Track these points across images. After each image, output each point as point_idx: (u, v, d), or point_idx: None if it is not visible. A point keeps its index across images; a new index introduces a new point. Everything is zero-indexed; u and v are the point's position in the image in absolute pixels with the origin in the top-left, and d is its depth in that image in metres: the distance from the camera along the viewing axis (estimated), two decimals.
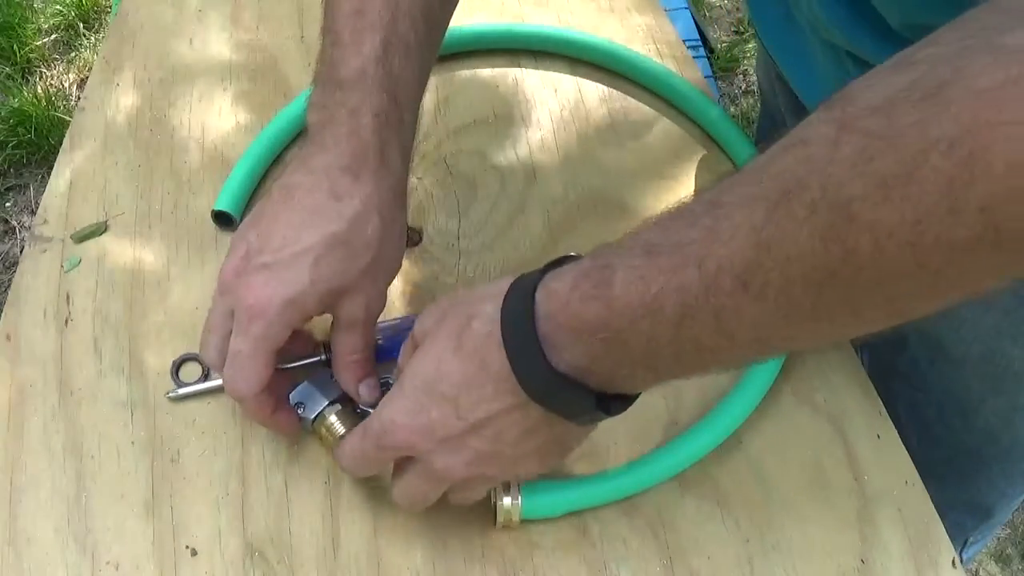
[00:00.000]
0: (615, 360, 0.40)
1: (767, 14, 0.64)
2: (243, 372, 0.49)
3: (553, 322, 0.40)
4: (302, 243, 0.49)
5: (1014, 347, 0.62)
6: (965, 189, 0.30)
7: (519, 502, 0.51)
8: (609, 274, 0.38)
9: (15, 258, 1.61)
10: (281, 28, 0.79)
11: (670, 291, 0.36)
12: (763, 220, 0.34)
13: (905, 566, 0.52)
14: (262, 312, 0.48)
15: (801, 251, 0.33)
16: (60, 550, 0.52)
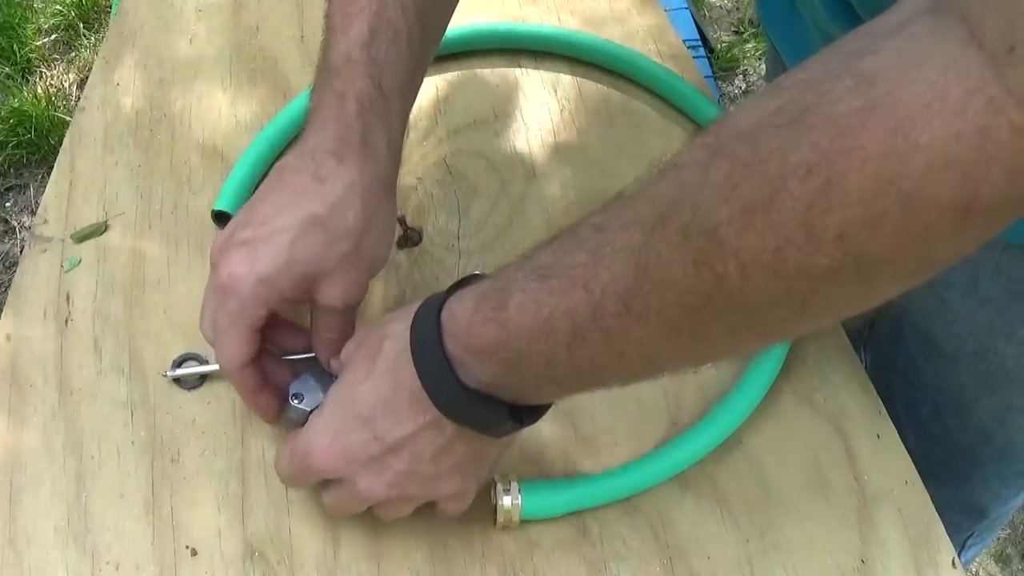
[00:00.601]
0: (519, 377, 0.41)
1: (774, 11, 0.64)
2: (223, 346, 0.50)
3: (457, 343, 0.41)
4: (282, 222, 0.49)
5: (1007, 345, 0.62)
6: (822, 215, 0.29)
7: (519, 502, 0.51)
8: (505, 297, 0.40)
9: (15, 258, 1.61)
10: (281, 28, 0.79)
11: (560, 313, 0.37)
12: (641, 244, 0.34)
13: (905, 566, 0.52)
14: (235, 288, 0.48)
15: (675, 276, 0.34)
16: (60, 550, 0.52)
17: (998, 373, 0.64)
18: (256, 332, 0.50)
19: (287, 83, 0.74)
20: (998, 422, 0.68)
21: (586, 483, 0.53)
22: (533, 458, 0.56)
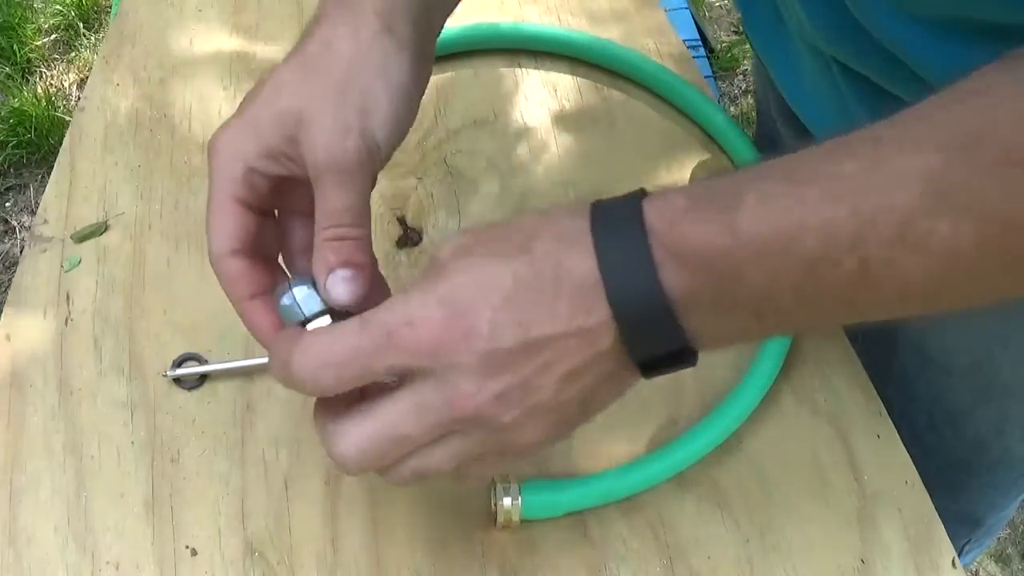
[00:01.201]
0: (721, 298, 0.34)
1: (758, 20, 0.64)
2: (208, 228, 0.42)
3: (659, 240, 0.34)
4: (275, 76, 0.44)
5: (1003, 357, 0.62)
6: None
7: (519, 502, 0.51)
8: (735, 197, 0.33)
9: (15, 258, 1.61)
10: (281, 28, 0.79)
11: (812, 228, 0.32)
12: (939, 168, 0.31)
13: (905, 566, 0.52)
14: (215, 147, 0.42)
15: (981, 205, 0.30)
16: (60, 550, 0.52)
17: (994, 384, 0.64)
18: (240, 206, 0.42)
19: None
20: (995, 432, 0.68)
21: (586, 483, 0.53)
22: (533, 458, 0.56)
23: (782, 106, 0.68)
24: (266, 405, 0.57)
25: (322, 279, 0.41)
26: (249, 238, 0.43)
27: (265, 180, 0.43)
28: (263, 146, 0.42)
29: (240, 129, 0.42)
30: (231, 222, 0.42)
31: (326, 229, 0.41)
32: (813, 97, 0.59)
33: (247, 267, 0.43)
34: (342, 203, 0.41)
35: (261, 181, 0.43)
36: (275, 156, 0.42)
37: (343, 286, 0.40)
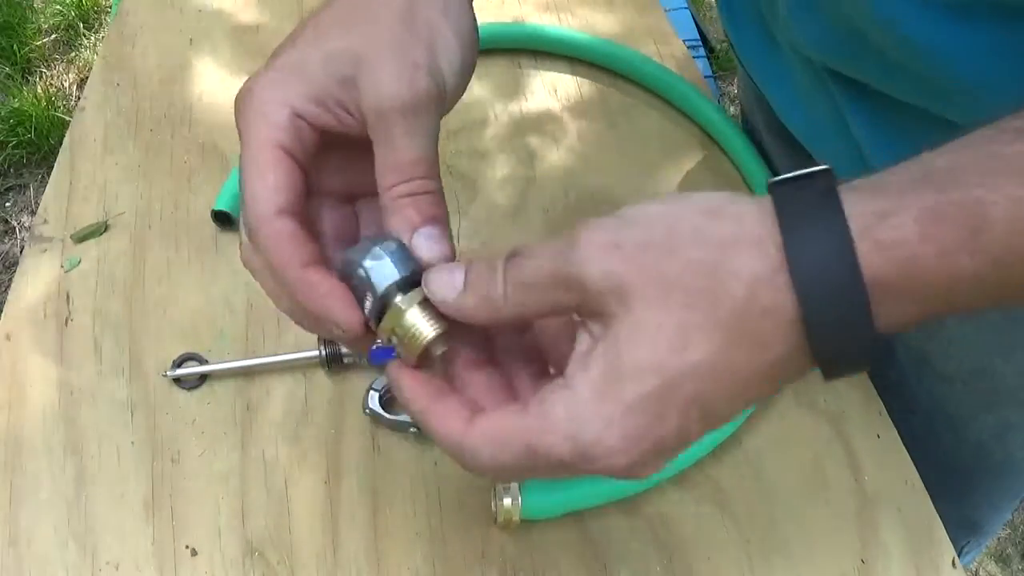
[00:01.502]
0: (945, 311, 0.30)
1: (747, 35, 0.63)
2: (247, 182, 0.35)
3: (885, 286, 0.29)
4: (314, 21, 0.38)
5: (1006, 365, 0.61)
6: None
7: (519, 502, 0.51)
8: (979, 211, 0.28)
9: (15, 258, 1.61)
10: (281, 28, 0.79)
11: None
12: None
13: (905, 566, 0.52)
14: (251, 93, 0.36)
15: None
16: (60, 550, 0.52)
17: (996, 392, 0.63)
18: (288, 157, 0.36)
19: None
20: (997, 439, 0.68)
21: (586, 483, 0.53)
22: None
23: (771, 121, 0.67)
24: (266, 405, 0.57)
25: (407, 238, 0.36)
26: (299, 196, 0.36)
27: (312, 134, 0.37)
28: (312, 89, 0.36)
29: (281, 73, 0.36)
30: (278, 175, 0.35)
31: (399, 184, 0.36)
32: (806, 110, 0.59)
33: (299, 229, 0.35)
34: (415, 152, 0.36)
35: (308, 134, 0.36)
36: (325, 102, 0.36)
37: (431, 245, 0.36)
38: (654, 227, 0.31)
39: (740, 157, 0.69)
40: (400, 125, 0.35)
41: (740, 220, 0.30)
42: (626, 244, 0.30)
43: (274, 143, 0.35)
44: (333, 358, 0.57)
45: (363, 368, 0.58)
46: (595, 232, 0.31)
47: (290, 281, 0.35)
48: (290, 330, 0.60)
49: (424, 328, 0.34)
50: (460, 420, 0.33)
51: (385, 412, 0.55)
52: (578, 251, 0.31)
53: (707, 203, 0.31)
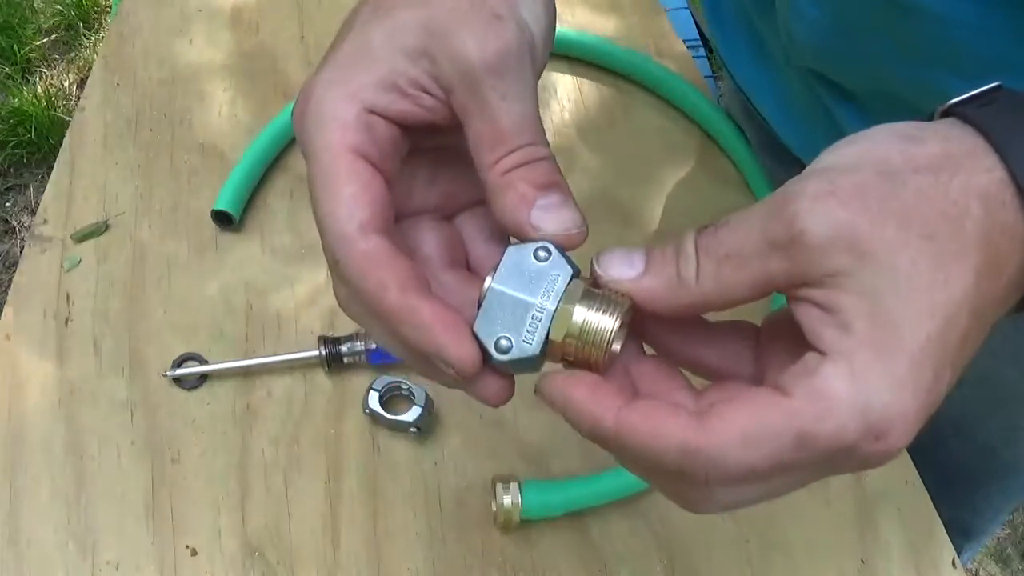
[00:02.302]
0: None
1: (738, 48, 0.63)
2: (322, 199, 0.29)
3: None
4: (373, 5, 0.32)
5: (1013, 369, 0.61)
6: None
7: (519, 502, 0.51)
8: None
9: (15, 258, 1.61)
10: (281, 28, 0.79)
11: None
12: None
13: (905, 566, 0.52)
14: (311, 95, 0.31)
15: None
16: (60, 550, 0.52)
17: (1003, 395, 0.63)
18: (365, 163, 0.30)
19: (287, 83, 0.74)
20: (1004, 441, 0.67)
21: (586, 483, 0.53)
22: (533, 458, 0.56)
23: (761, 134, 0.67)
24: (266, 405, 0.57)
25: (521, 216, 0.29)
26: (384, 209, 0.30)
27: (389, 130, 0.31)
28: (380, 74, 0.30)
29: (342, 66, 0.31)
30: (355, 186, 0.29)
31: (504, 158, 0.30)
32: (799, 121, 0.58)
33: (390, 247, 0.29)
34: (515, 116, 0.30)
35: (384, 131, 0.31)
36: (399, 85, 0.30)
37: (557, 215, 0.30)
38: (861, 167, 0.27)
39: (740, 157, 0.69)
40: (492, 87, 0.29)
41: (947, 139, 0.27)
42: (840, 189, 0.26)
43: (346, 149, 0.30)
44: (333, 358, 0.57)
45: (363, 368, 0.58)
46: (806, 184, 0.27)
47: (387, 310, 0.28)
48: (290, 330, 0.60)
49: (604, 320, 0.28)
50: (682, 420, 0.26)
51: (385, 412, 0.55)
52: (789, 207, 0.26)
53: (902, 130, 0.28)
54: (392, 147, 0.31)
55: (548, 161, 0.31)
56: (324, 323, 0.61)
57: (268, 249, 0.65)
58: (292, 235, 0.65)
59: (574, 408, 0.28)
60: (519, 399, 0.60)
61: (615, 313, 0.28)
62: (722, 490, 0.27)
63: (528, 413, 0.57)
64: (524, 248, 0.29)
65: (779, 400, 0.26)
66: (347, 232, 0.29)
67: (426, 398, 0.56)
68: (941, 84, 0.45)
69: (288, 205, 0.67)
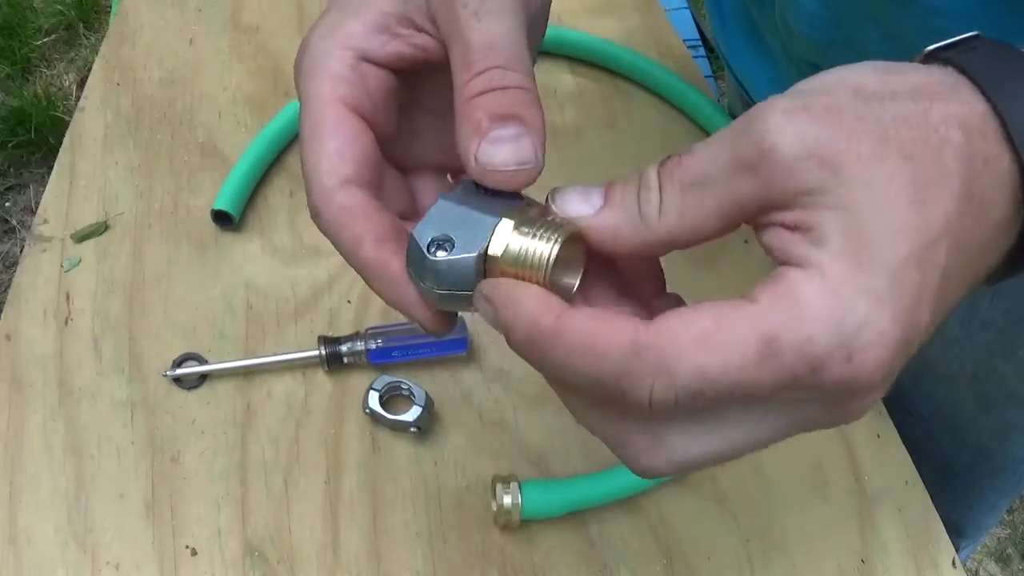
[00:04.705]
0: None
1: (738, 42, 0.63)
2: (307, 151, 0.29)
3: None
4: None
5: (1007, 364, 0.61)
6: None
7: (519, 502, 0.51)
8: None
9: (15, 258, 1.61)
10: (281, 28, 0.79)
11: None
12: None
13: (905, 566, 0.52)
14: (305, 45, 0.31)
15: None
16: (60, 550, 0.52)
17: (997, 392, 0.63)
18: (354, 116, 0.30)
19: (287, 83, 0.74)
20: (998, 439, 0.67)
21: (586, 483, 0.53)
22: (533, 458, 0.56)
23: None
24: (266, 405, 0.57)
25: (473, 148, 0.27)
26: (370, 162, 0.30)
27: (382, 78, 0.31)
28: (372, 17, 0.30)
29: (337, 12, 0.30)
30: (340, 139, 0.29)
31: (470, 81, 0.28)
32: None
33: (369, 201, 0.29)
34: (487, 35, 0.28)
35: (378, 79, 0.30)
36: (389, 26, 0.30)
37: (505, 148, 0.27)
38: (838, 89, 0.25)
39: None
40: (464, 4, 0.28)
41: (928, 71, 0.26)
42: (815, 106, 0.24)
43: (335, 100, 0.29)
44: (333, 358, 0.57)
45: (363, 368, 0.58)
46: (771, 102, 0.25)
47: (359, 263, 0.29)
48: (290, 330, 0.60)
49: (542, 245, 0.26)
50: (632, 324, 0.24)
51: (385, 412, 0.55)
52: (758, 124, 0.24)
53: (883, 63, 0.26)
54: (386, 97, 0.31)
55: (517, 89, 0.28)
56: (324, 323, 0.61)
57: (268, 249, 0.65)
58: (292, 235, 0.65)
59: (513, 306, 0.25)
60: (519, 399, 0.60)
61: (556, 236, 0.26)
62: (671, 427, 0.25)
63: (528, 413, 0.57)
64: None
65: (744, 304, 0.23)
66: (327, 185, 0.29)
67: (426, 398, 0.56)
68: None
69: (288, 205, 0.67)
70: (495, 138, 0.27)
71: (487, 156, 0.27)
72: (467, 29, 0.28)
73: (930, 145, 0.24)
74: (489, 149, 0.27)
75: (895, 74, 0.26)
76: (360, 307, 0.62)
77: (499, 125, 0.27)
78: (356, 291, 0.62)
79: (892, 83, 0.25)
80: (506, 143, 0.27)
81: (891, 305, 0.23)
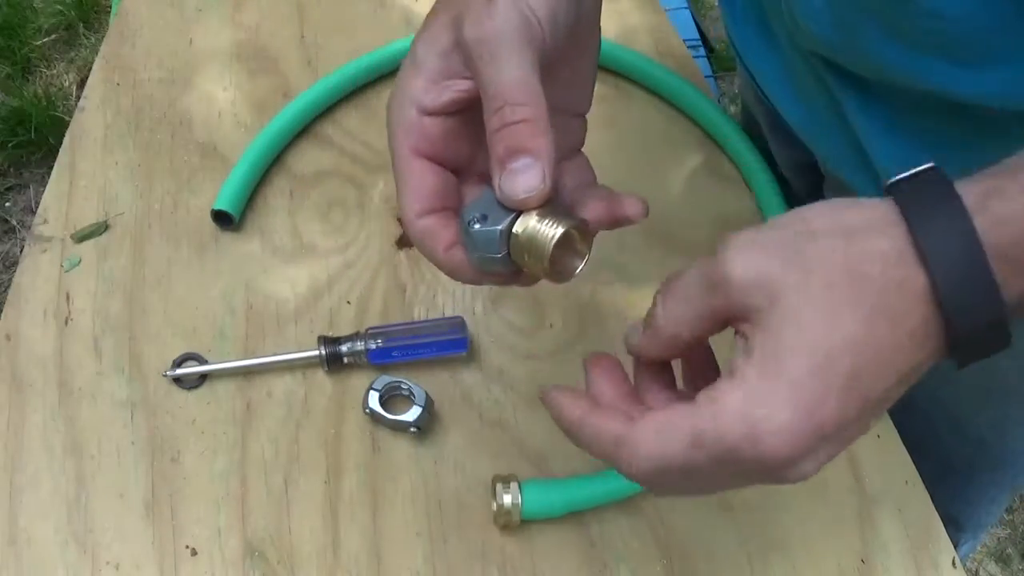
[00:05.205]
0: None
1: (747, 31, 0.63)
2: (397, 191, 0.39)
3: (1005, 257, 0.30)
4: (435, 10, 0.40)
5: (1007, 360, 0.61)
6: None
7: (519, 502, 0.51)
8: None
9: (15, 258, 1.61)
10: (281, 28, 0.79)
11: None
12: None
13: (905, 566, 0.52)
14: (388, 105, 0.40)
15: None
16: (60, 550, 0.52)
17: (996, 386, 0.64)
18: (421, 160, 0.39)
19: (287, 83, 0.74)
20: (997, 433, 0.68)
21: (586, 483, 0.53)
22: (533, 458, 0.56)
23: (771, 117, 0.67)
24: (266, 405, 0.57)
25: (497, 178, 0.36)
26: (437, 194, 0.39)
27: (440, 124, 0.39)
28: (427, 75, 0.39)
29: (404, 73, 0.39)
30: (415, 180, 0.39)
31: (491, 118, 0.36)
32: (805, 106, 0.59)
33: (441, 223, 0.39)
34: (499, 77, 0.36)
35: (433, 125, 0.39)
36: (438, 81, 0.39)
37: (517, 180, 0.36)
38: (788, 225, 0.33)
39: (740, 157, 0.69)
40: (479, 56, 0.36)
41: (871, 208, 0.32)
42: (764, 240, 0.32)
43: (408, 149, 0.39)
44: (333, 358, 0.57)
45: (363, 368, 0.58)
46: (735, 237, 0.33)
47: (437, 264, 0.40)
48: (290, 330, 0.60)
49: (549, 230, 0.36)
50: (621, 421, 0.34)
51: (385, 412, 0.55)
52: (721, 255, 0.32)
53: (834, 202, 0.33)
54: (445, 135, 0.39)
55: (525, 123, 0.36)
56: (324, 323, 0.61)
57: (268, 249, 0.65)
58: (292, 235, 0.65)
59: (556, 407, 0.37)
60: (519, 399, 0.60)
61: (559, 224, 0.36)
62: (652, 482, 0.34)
63: (528, 413, 0.57)
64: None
65: (687, 406, 0.32)
66: (408, 217, 0.39)
67: (426, 398, 0.56)
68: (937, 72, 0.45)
69: (288, 205, 0.67)
70: (510, 171, 0.36)
71: (506, 186, 0.36)
72: (484, 76, 0.36)
73: (852, 275, 0.31)
74: (507, 181, 0.36)
75: (839, 213, 0.33)
76: (360, 307, 0.62)
77: (512, 160, 0.36)
78: (356, 291, 0.62)
79: (833, 222, 0.32)
80: (518, 175, 0.36)
81: (790, 405, 0.30)
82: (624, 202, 0.41)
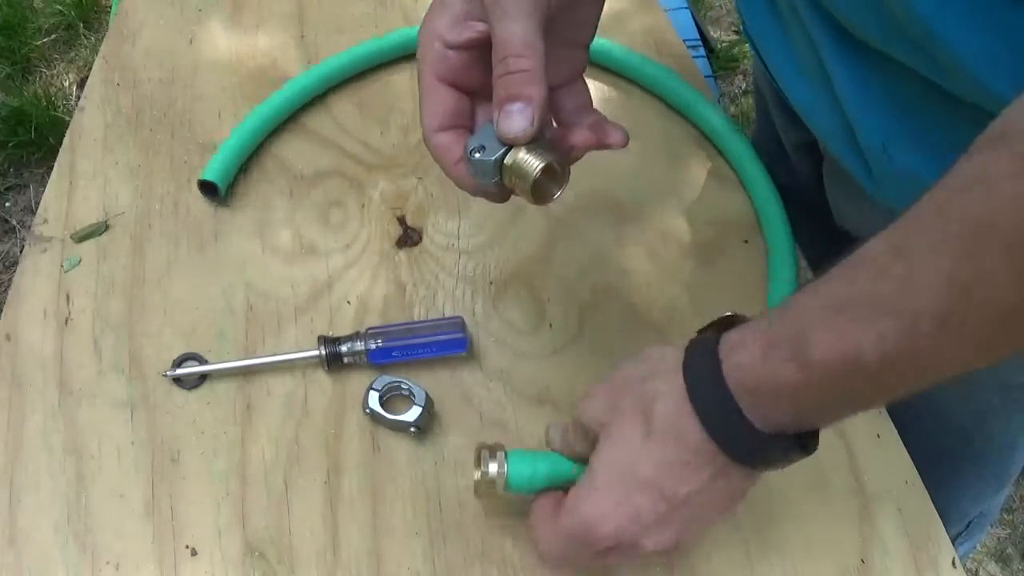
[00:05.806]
0: (816, 413, 0.40)
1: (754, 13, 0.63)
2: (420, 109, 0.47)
3: (748, 395, 0.40)
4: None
5: None
6: None
7: (505, 471, 0.48)
8: (802, 340, 0.38)
9: (15, 258, 1.61)
10: (281, 28, 0.79)
11: (869, 345, 0.36)
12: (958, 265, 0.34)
13: (905, 566, 0.52)
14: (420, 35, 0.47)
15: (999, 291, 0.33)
16: (60, 550, 0.52)
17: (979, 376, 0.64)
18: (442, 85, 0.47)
19: None
20: (977, 424, 0.68)
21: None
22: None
23: (777, 96, 0.67)
24: (266, 405, 0.57)
25: (496, 116, 0.44)
26: (452, 113, 0.47)
27: (462, 55, 0.46)
28: (452, 14, 0.46)
29: (432, 12, 0.47)
30: (434, 101, 0.47)
31: (496, 65, 0.43)
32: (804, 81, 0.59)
33: (453, 138, 0.47)
34: (506, 32, 0.43)
35: (455, 57, 0.46)
36: (462, 20, 0.46)
37: (511, 120, 0.44)
38: (616, 377, 0.45)
39: (738, 159, 0.69)
40: (491, 10, 0.43)
41: (663, 358, 0.43)
42: (596, 393, 0.46)
43: (430, 74, 0.46)
44: (333, 358, 0.57)
45: (363, 368, 0.58)
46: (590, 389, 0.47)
47: (448, 175, 0.48)
48: (290, 330, 0.60)
49: (534, 162, 0.44)
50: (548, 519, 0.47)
51: (385, 412, 0.55)
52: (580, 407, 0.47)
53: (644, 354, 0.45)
54: (463, 65, 0.47)
55: (523, 72, 0.43)
56: (324, 323, 0.61)
57: (268, 249, 0.65)
58: (292, 235, 0.65)
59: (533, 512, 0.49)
60: (519, 399, 0.60)
61: (542, 158, 0.44)
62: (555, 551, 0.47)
63: (528, 413, 0.57)
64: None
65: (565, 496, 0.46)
66: (425, 132, 0.47)
67: (426, 398, 0.56)
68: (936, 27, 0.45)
69: (288, 205, 0.67)
70: (507, 112, 0.44)
71: (502, 125, 0.44)
72: (494, 28, 0.43)
73: (643, 413, 0.43)
74: (503, 121, 0.44)
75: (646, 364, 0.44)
76: (360, 307, 0.62)
77: (509, 103, 0.43)
78: (356, 291, 0.62)
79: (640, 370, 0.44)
80: (513, 116, 0.44)
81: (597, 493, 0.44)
82: (609, 131, 0.48)
